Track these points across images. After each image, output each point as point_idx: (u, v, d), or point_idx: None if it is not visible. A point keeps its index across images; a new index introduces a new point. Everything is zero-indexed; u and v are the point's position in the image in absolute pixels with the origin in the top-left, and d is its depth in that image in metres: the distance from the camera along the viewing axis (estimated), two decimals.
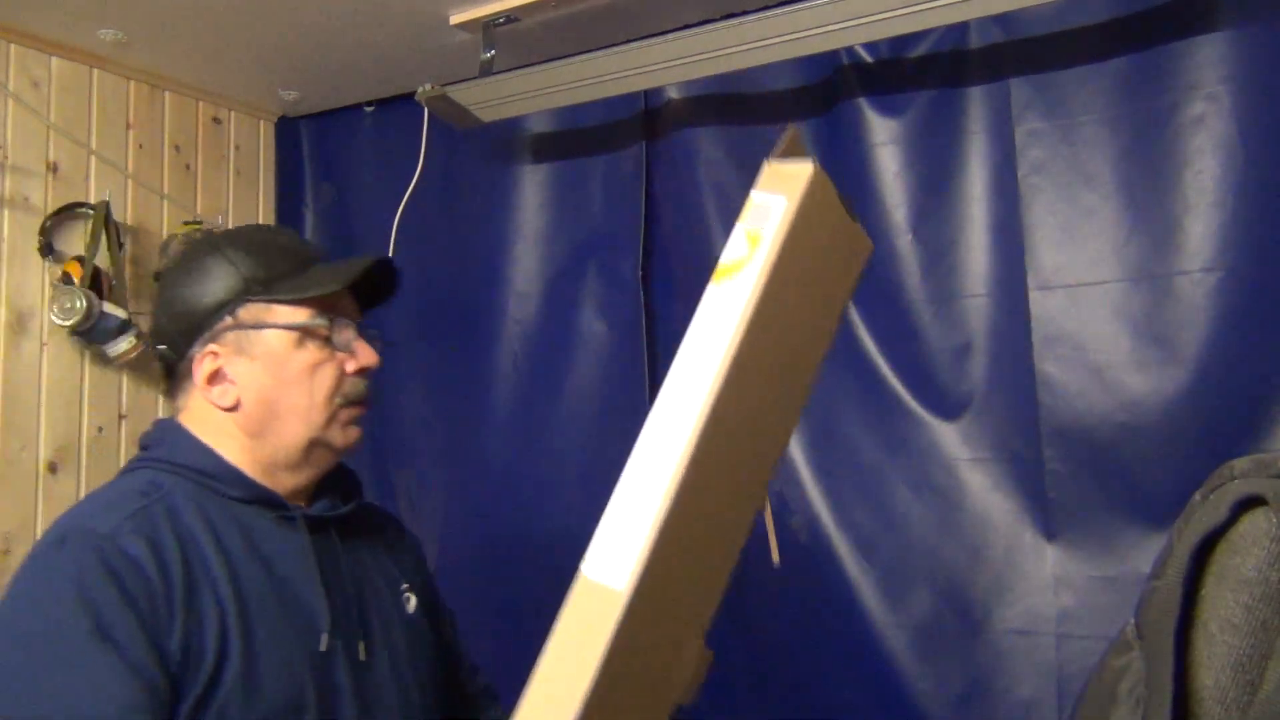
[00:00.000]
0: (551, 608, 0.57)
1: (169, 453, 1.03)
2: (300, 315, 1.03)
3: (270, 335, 1.03)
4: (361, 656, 1.02)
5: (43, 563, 0.93)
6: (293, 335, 1.03)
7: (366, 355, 1.06)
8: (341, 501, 1.10)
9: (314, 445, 1.05)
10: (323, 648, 0.99)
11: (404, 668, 1.08)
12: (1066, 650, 1.53)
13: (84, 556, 0.89)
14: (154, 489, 0.98)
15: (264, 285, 1.03)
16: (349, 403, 1.05)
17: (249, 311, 1.03)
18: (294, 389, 1.03)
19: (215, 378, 1.03)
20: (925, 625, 1.64)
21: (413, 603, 1.14)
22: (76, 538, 0.92)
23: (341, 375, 1.05)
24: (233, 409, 1.03)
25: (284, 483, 1.06)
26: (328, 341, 1.04)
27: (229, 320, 1.03)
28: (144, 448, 1.07)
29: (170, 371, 1.08)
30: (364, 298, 1.12)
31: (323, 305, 1.04)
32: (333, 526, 1.07)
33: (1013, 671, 1.57)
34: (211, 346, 1.03)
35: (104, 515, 0.94)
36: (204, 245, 1.06)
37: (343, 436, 1.06)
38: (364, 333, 1.08)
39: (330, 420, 1.04)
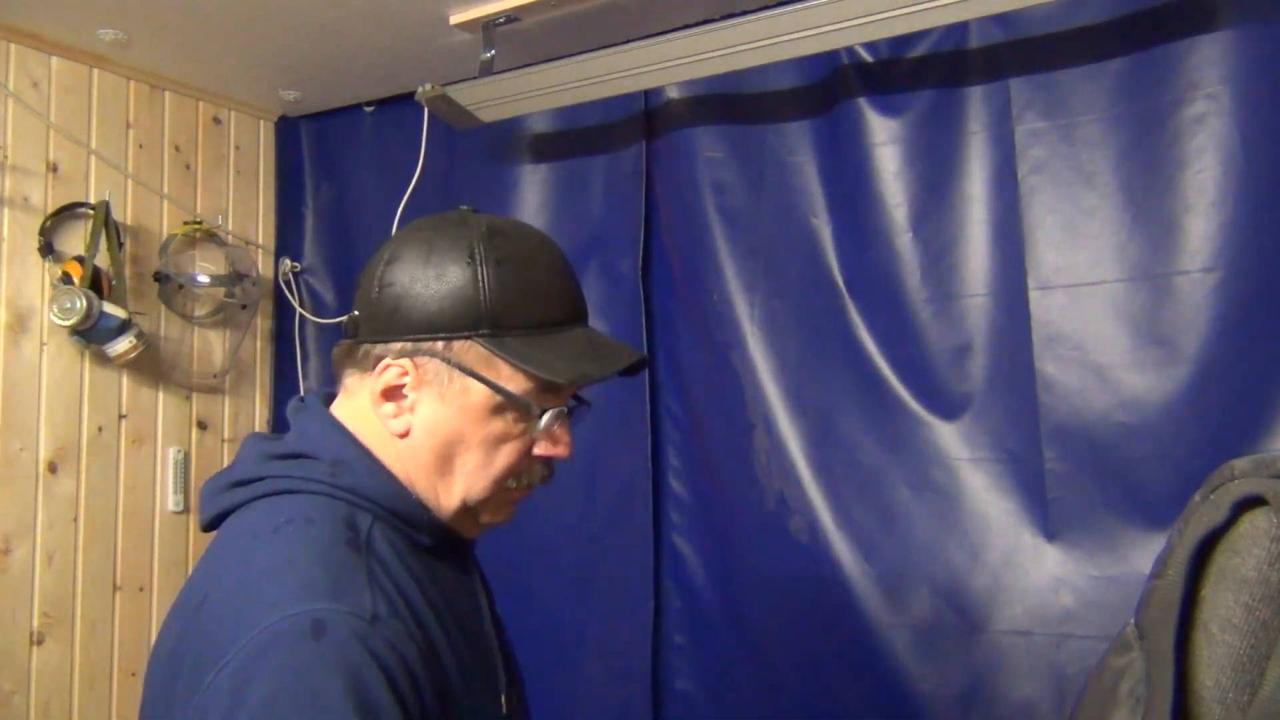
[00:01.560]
0: (550, 607, 0.58)
1: (360, 484, 0.85)
2: (519, 383, 0.86)
3: (474, 387, 0.86)
4: (514, 703, 0.93)
5: (301, 659, 0.71)
6: (498, 400, 0.86)
7: (565, 446, 0.91)
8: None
9: (464, 513, 0.90)
10: (504, 710, 0.90)
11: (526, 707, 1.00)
12: (1066, 650, 1.53)
13: (352, 652, 0.71)
14: (353, 531, 0.82)
15: (500, 327, 0.86)
16: (521, 487, 0.92)
17: (466, 351, 0.86)
18: (472, 453, 0.88)
19: (393, 394, 0.87)
20: (925, 625, 1.64)
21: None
22: (335, 626, 0.72)
23: (527, 456, 0.90)
24: (403, 435, 0.88)
25: (457, 525, 0.93)
26: (528, 418, 0.88)
27: (439, 347, 0.85)
28: (304, 455, 0.87)
29: (351, 352, 0.90)
30: None
31: (551, 382, 0.87)
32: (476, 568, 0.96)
33: (1013, 671, 1.57)
34: (406, 362, 0.86)
35: (339, 584, 0.76)
36: (460, 243, 0.87)
37: (493, 517, 0.93)
38: (575, 414, 0.93)
39: (489, 497, 0.90)
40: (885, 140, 1.72)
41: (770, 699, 1.80)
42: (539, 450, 0.90)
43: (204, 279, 2.17)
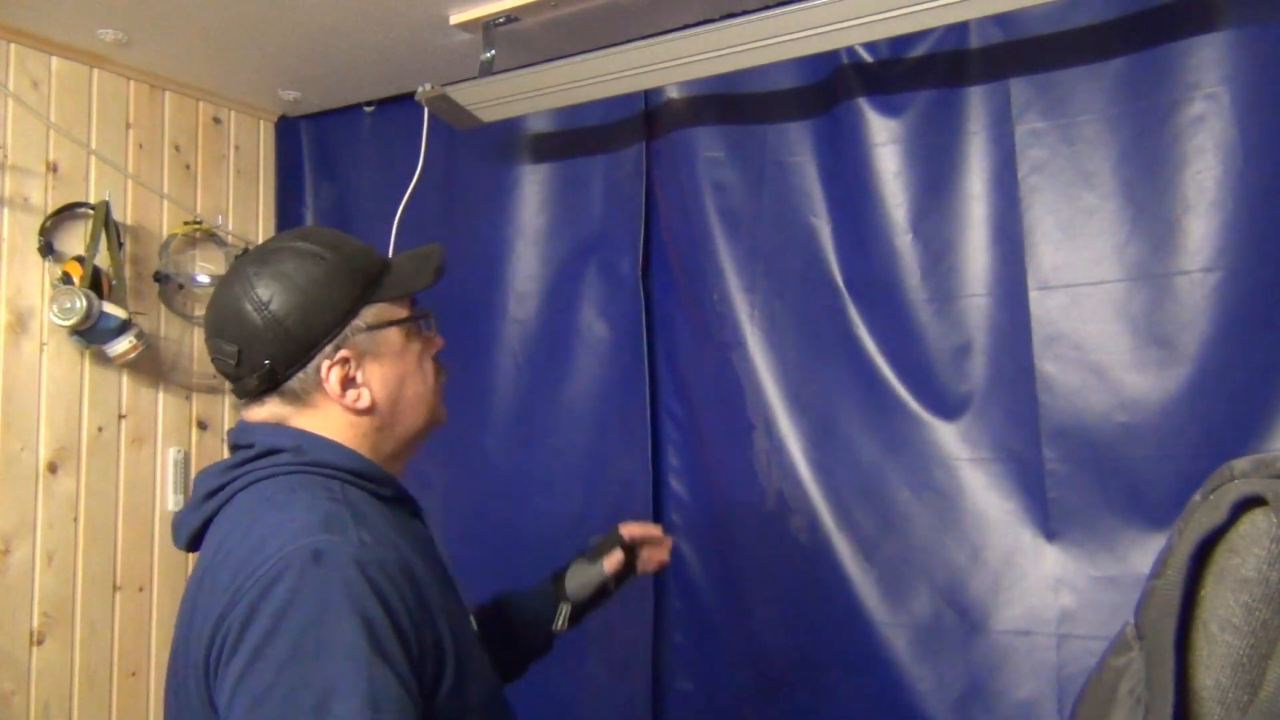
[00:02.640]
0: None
1: (323, 456, 1.01)
2: (404, 310, 1.09)
3: (391, 333, 1.06)
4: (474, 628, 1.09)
5: (310, 581, 0.86)
6: (406, 329, 1.08)
7: (439, 339, 1.14)
8: None
9: (429, 428, 1.13)
10: (475, 628, 1.07)
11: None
12: (1066, 650, 1.53)
13: (348, 570, 0.86)
14: (330, 493, 0.97)
15: (376, 285, 1.06)
16: (439, 386, 1.14)
17: (370, 313, 1.05)
18: (413, 379, 1.09)
19: (346, 383, 1.03)
20: (925, 625, 1.64)
21: None
22: (331, 552, 0.87)
23: (432, 361, 1.13)
24: (368, 410, 1.04)
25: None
26: (420, 331, 1.10)
27: (355, 324, 1.03)
28: (272, 451, 1.01)
29: (269, 388, 1.03)
30: None
31: (408, 299, 1.11)
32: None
33: (1013, 671, 1.57)
34: (341, 353, 1.02)
35: (333, 525, 0.91)
36: (297, 256, 1.03)
37: (444, 412, 1.15)
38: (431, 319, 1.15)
39: (437, 401, 1.13)
40: (885, 140, 1.72)
41: (770, 699, 1.80)
42: (432, 351, 1.12)
43: (204, 279, 2.17)
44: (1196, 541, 0.72)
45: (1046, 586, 1.56)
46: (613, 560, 1.40)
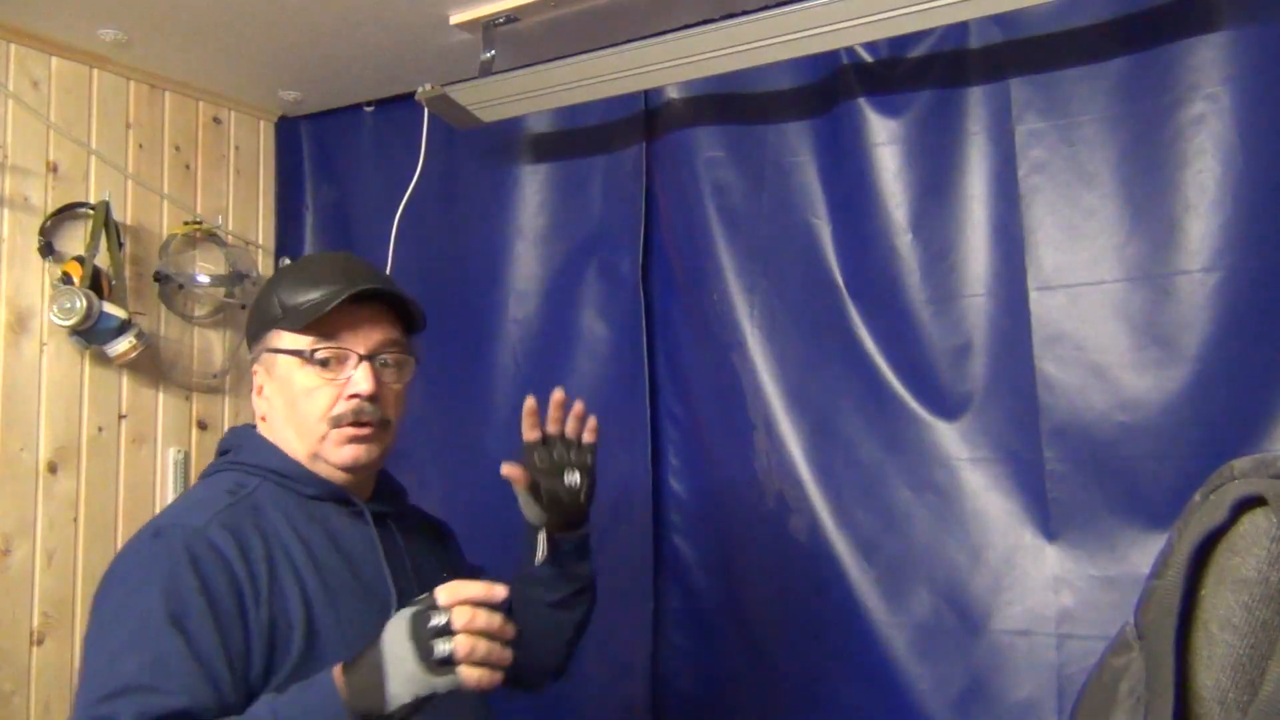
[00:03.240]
0: None
1: (251, 456, 1.15)
2: (302, 342, 1.13)
3: (282, 359, 1.15)
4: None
5: (138, 552, 1.04)
6: (295, 360, 1.14)
7: (357, 382, 1.13)
8: (397, 503, 1.26)
9: (316, 459, 1.16)
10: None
11: None
12: (1066, 650, 1.53)
13: (174, 547, 1.01)
14: (240, 488, 1.11)
15: (287, 313, 1.14)
16: (339, 424, 1.13)
17: (273, 337, 1.16)
18: (295, 409, 1.14)
19: (260, 391, 1.19)
20: (925, 625, 1.64)
21: None
22: (171, 531, 1.03)
23: (336, 398, 1.14)
24: (263, 419, 1.18)
25: (350, 485, 1.18)
26: (325, 367, 1.13)
27: (263, 344, 1.17)
28: (223, 452, 1.19)
29: None
30: (410, 320, 1.22)
31: (328, 332, 1.13)
32: (391, 521, 1.21)
33: (1013, 671, 1.57)
34: (256, 365, 1.19)
35: (196, 512, 1.06)
36: (277, 271, 1.21)
37: (338, 455, 1.14)
38: (376, 359, 1.15)
39: (323, 439, 1.14)
40: (885, 140, 1.72)
41: (770, 699, 1.80)
42: (346, 393, 1.13)
43: (204, 279, 2.17)
44: (1196, 542, 0.72)
45: (1046, 586, 1.56)
46: (509, 470, 1.24)
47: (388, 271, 2.15)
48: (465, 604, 0.90)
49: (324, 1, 1.76)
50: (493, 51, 1.82)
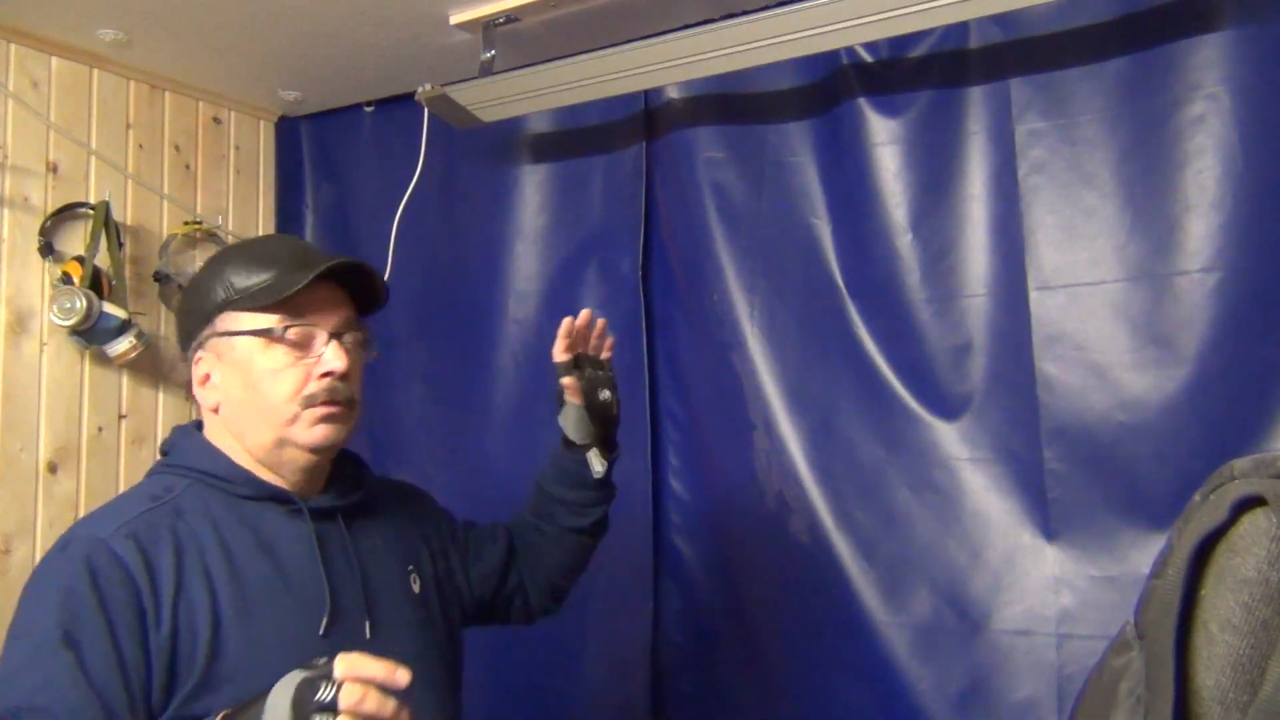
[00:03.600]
0: None
1: (182, 457, 1.12)
2: (267, 321, 1.08)
3: (240, 341, 1.09)
4: (367, 635, 1.09)
5: (45, 565, 1.03)
6: (258, 341, 1.09)
7: (330, 360, 1.10)
8: (350, 491, 1.17)
9: (282, 444, 1.10)
10: (321, 631, 1.06)
11: (412, 645, 1.13)
12: (1066, 650, 1.53)
13: (75, 561, 0.98)
14: (166, 492, 1.07)
15: (243, 294, 1.09)
16: (312, 404, 1.09)
17: (225, 320, 1.10)
18: (259, 391, 1.09)
19: (205, 381, 1.12)
20: (925, 625, 1.64)
21: (418, 584, 1.21)
22: (76, 543, 1.01)
23: (306, 378, 1.09)
24: (215, 410, 1.12)
25: (287, 479, 1.13)
26: (295, 346, 1.09)
27: (212, 328, 1.11)
28: (163, 453, 1.16)
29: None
30: (364, 302, 1.17)
31: (293, 311, 1.09)
32: (340, 515, 1.15)
33: (1013, 671, 1.57)
34: (200, 353, 1.12)
35: (107, 520, 1.03)
36: (214, 256, 1.16)
37: (308, 436, 1.10)
38: (343, 337, 1.12)
39: (293, 420, 1.09)
40: (885, 140, 1.72)
41: (770, 699, 1.80)
42: (316, 371, 1.09)
43: None
44: (1196, 542, 0.72)
45: (1046, 586, 1.56)
46: (568, 384, 1.31)
47: (387, 272, 2.15)
48: (359, 682, 0.81)
49: (324, 1, 1.76)
50: (493, 51, 1.82)
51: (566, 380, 1.30)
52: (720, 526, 1.89)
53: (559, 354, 1.31)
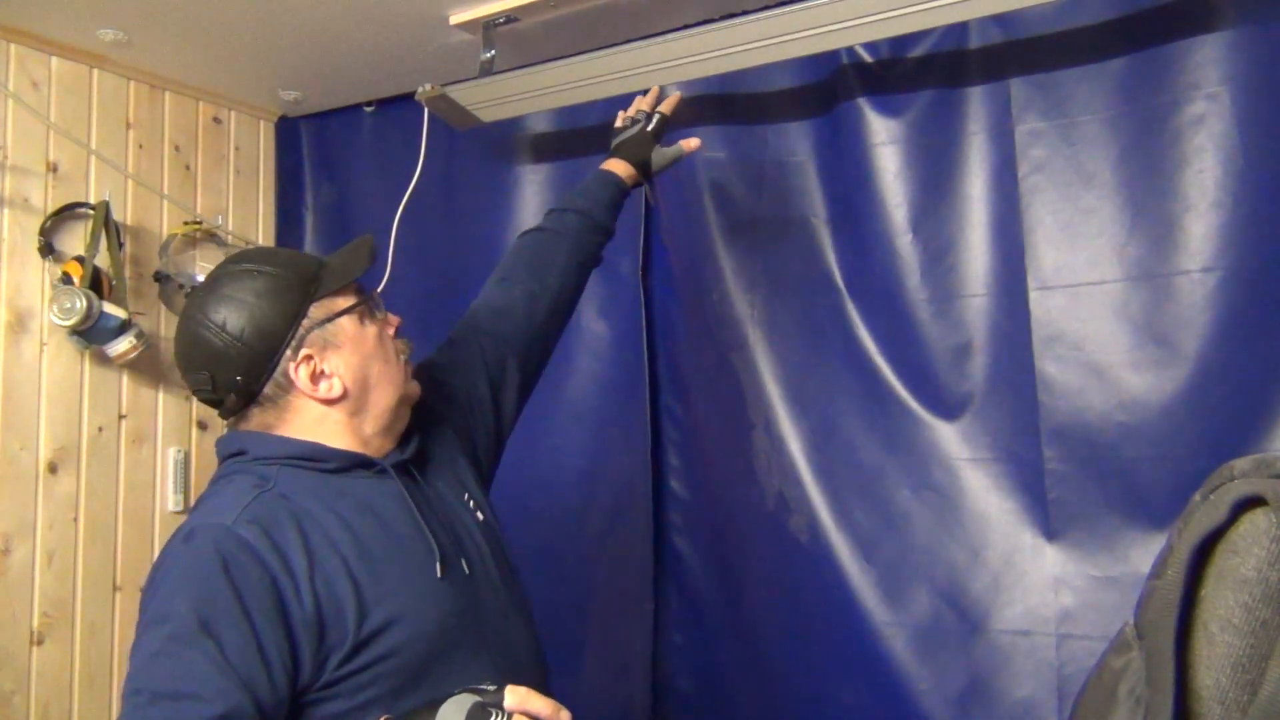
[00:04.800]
0: (549, 607, 0.57)
1: (262, 448, 1.13)
2: (350, 299, 1.16)
3: (343, 322, 1.14)
4: (466, 571, 1.16)
5: (170, 557, 1.04)
6: (354, 316, 1.16)
7: (394, 319, 1.21)
8: (407, 442, 1.22)
9: (401, 402, 1.19)
10: (439, 575, 1.12)
11: (494, 569, 1.21)
12: (1066, 650, 1.53)
13: (204, 549, 1.01)
14: (264, 481, 1.09)
15: (316, 283, 1.15)
16: (403, 357, 1.20)
17: (318, 309, 1.13)
18: (376, 360, 1.16)
19: (317, 377, 1.13)
20: (925, 625, 1.64)
21: (479, 510, 1.27)
22: (201, 532, 1.03)
23: (391, 339, 1.20)
24: (342, 397, 1.14)
25: (377, 447, 1.18)
26: (373, 314, 1.18)
27: (306, 323, 1.12)
28: (232, 455, 1.15)
29: (247, 402, 1.14)
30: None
31: (353, 287, 1.18)
32: (412, 467, 1.20)
33: (1013, 671, 1.57)
34: (304, 351, 1.12)
35: (224, 509, 1.05)
36: (236, 278, 1.14)
37: (414, 386, 1.21)
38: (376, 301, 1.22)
39: (406, 376, 1.20)
40: (885, 140, 1.72)
41: (770, 699, 1.80)
42: (391, 331, 1.20)
43: (204, 279, 2.17)
44: (1196, 542, 0.72)
45: (1046, 586, 1.56)
46: (690, 144, 1.62)
47: (387, 272, 2.15)
48: (527, 717, 0.89)
49: (324, 1, 1.76)
50: (493, 51, 1.82)
51: (669, 102, 1.61)
52: (720, 526, 1.89)
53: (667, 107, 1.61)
